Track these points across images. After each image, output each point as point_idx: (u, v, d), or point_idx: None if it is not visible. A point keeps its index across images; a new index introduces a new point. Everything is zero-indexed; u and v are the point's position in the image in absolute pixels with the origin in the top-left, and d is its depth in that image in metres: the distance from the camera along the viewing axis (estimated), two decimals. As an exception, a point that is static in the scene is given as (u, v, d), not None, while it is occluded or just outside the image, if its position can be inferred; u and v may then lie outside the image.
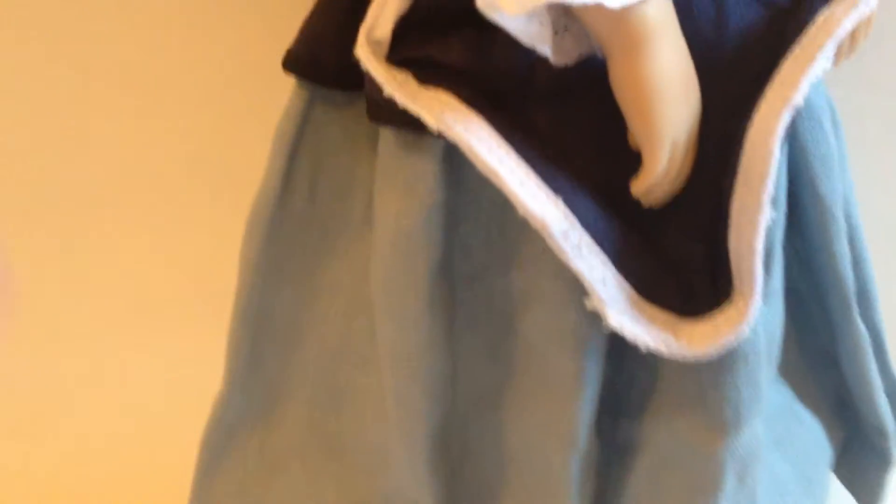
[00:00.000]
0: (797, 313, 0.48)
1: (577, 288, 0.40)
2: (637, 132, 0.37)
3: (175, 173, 0.60)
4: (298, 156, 0.46)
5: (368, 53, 0.39)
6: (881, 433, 0.51)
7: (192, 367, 0.58)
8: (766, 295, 0.42)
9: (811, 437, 0.49)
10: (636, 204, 0.39)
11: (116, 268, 0.63)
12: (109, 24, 0.57)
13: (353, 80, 0.42)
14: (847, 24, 0.36)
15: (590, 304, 0.39)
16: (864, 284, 0.49)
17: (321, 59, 0.44)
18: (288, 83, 0.46)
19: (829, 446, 0.50)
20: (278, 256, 0.48)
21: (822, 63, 0.36)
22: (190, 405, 0.52)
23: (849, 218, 0.48)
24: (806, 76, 0.36)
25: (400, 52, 0.40)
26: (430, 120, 0.38)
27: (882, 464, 0.53)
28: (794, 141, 0.43)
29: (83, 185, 0.61)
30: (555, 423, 0.44)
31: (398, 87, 0.39)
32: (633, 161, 0.38)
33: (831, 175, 0.44)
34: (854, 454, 0.53)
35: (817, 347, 0.50)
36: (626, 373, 0.44)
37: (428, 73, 0.39)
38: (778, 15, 0.39)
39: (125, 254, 0.62)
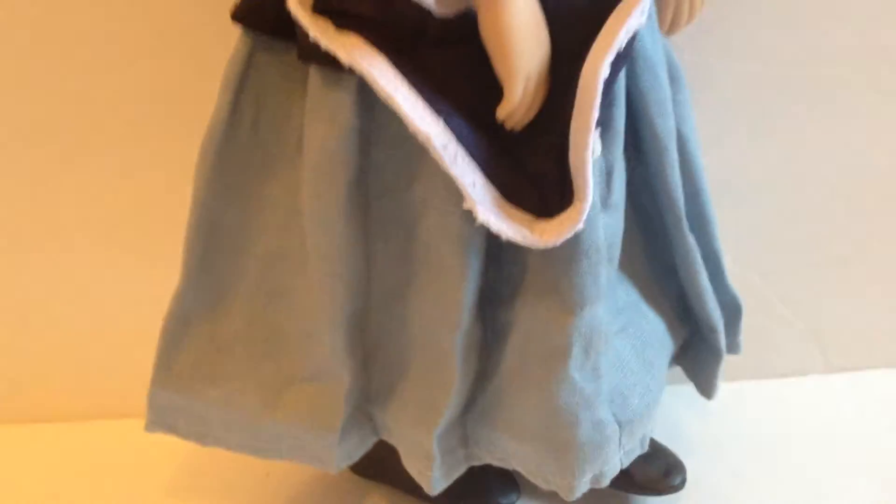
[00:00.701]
0: (645, 228, 0.60)
1: (461, 198, 0.50)
2: (499, 69, 0.48)
3: (137, 105, 0.68)
4: (243, 93, 0.56)
5: (297, 5, 0.49)
6: (713, 330, 0.63)
7: (154, 271, 0.67)
8: (608, 206, 0.53)
9: (654, 329, 0.61)
10: (502, 127, 0.50)
11: (91, 186, 0.71)
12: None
13: (289, 31, 0.52)
14: None
15: (466, 204, 0.50)
16: (702, 210, 0.61)
17: (263, 12, 0.54)
18: (234, 32, 0.55)
19: (670, 339, 0.62)
20: (226, 177, 0.57)
21: (636, 19, 0.47)
22: (153, 304, 0.63)
23: (687, 153, 0.59)
24: (623, 28, 0.47)
25: (322, 3, 0.50)
26: (344, 57, 0.48)
27: (715, 357, 0.64)
28: (635, 87, 0.55)
29: (56, 114, 0.69)
30: (445, 309, 0.55)
31: (320, 31, 0.49)
32: (500, 93, 0.49)
33: (666, 116, 0.56)
34: (693, 349, 0.65)
35: (660, 258, 0.61)
36: (502, 271, 0.55)
37: (343, 21, 0.49)
38: None
39: (99, 174, 0.71)
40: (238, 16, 0.55)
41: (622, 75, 0.52)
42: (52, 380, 0.79)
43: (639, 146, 0.56)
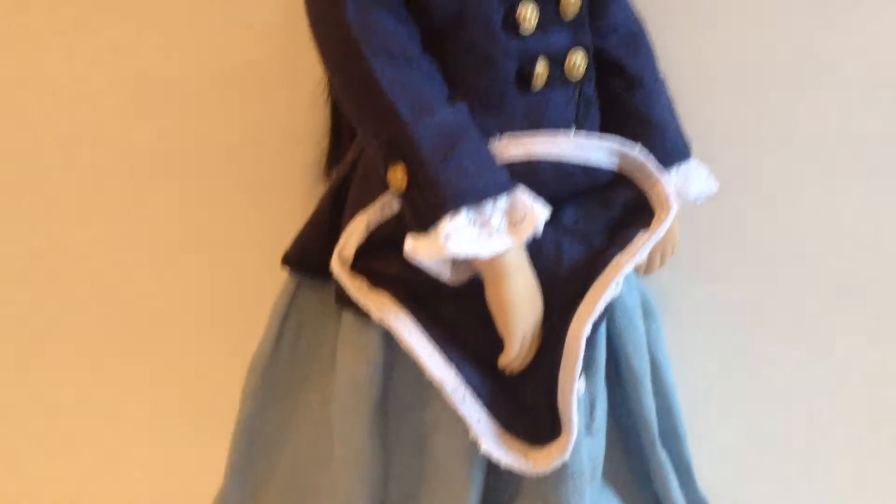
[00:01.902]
0: (624, 442, 0.70)
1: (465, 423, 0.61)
2: (500, 329, 0.58)
3: (194, 329, 0.80)
4: (287, 321, 0.68)
5: (338, 266, 0.61)
6: (686, 535, 0.72)
7: (199, 469, 0.76)
8: (591, 432, 0.63)
9: (634, 533, 0.70)
10: (502, 370, 0.61)
11: (151, 394, 0.82)
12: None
13: (327, 273, 0.64)
14: (628, 268, 0.59)
15: (471, 434, 0.60)
16: (674, 426, 0.71)
17: (307, 260, 0.66)
18: (282, 273, 0.68)
19: (649, 542, 0.71)
20: (269, 390, 0.68)
21: (612, 291, 0.58)
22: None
23: (660, 377, 0.69)
24: (602, 299, 0.57)
25: (359, 263, 0.61)
26: (375, 314, 0.60)
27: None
28: (614, 329, 0.66)
29: (120, 325, 0.81)
30: (452, 515, 0.64)
31: (356, 289, 0.61)
32: (501, 342, 0.60)
33: (640, 352, 0.66)
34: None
35: (637, 467, 0.70)
36: (500, 481, 0.65)
37: (376, 279, 0.61)
38: (594, 253, 0.61)
39: (161, 387, 0.81)
40: (287, 262, 0.67)
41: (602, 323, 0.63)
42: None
43: (617, 376, 0.67)
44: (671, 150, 0.66)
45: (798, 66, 0.76)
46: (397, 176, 0.56)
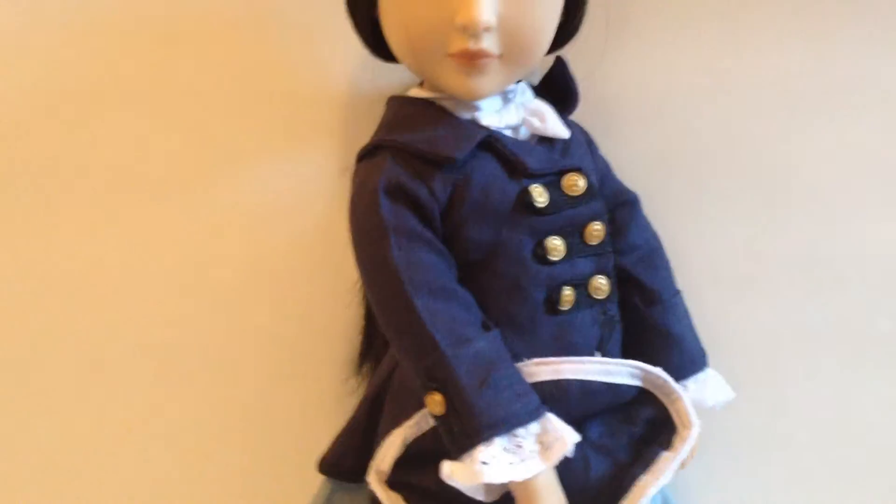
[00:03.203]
0: None
1: None
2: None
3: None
4: None
5: (375, 480, 0.64)
6: None
7: None
8: None
9: None
10: None
11: None
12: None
13: (361, 478, 0.67)
14: (652, 490, 0.62)
15: None
16: None
17: (343, 466, 0.69)
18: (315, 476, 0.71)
19: None
20: None
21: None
22: None
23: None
24: None
25: (395, 474, 0.64)
26: (414, 533, 0.62)
27: None
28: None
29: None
30: None
31: (393, 504, 0.64)
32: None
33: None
34: None
35: None
36: None
37: (412, 493, 0.64)
38: (620, 469, 0.64)
39: None
40: (323, 468, 0.70)
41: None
42: None
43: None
44: (689, 361, 0.70)
45: (805, 269, 0.81)
46: (435, 401, 0.59)
